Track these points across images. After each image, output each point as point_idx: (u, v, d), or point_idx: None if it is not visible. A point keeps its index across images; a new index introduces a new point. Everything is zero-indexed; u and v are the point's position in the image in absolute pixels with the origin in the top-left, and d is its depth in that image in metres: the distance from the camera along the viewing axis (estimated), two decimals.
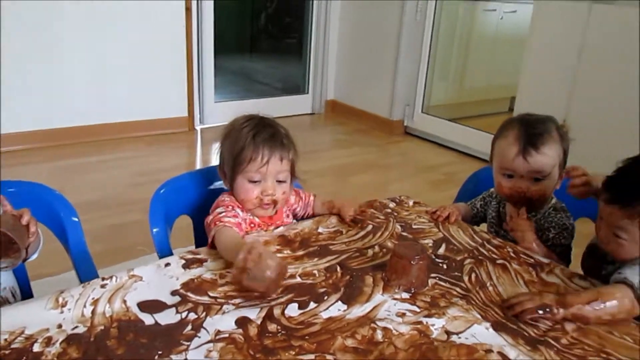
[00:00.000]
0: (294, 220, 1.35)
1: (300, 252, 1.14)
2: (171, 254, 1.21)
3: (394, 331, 0.89)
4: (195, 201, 1.36)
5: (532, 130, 1.27)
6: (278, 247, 1.15)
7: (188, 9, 3.74)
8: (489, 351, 0.86)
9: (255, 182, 1.19)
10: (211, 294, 0.96)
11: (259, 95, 4.94)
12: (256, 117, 1.24)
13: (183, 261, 1.07)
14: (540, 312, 0.95)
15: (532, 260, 1.17)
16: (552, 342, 0.90)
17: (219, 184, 1.35)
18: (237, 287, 0.98)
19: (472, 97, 4.83)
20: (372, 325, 0.90)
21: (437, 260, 1.15)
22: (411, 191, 3.13)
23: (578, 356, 0.87)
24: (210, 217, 1.18)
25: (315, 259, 1.11)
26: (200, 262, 1.06)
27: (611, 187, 1.07)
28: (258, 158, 1.17)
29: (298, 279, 1.03)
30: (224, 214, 1.17)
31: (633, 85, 2.79)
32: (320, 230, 1.25)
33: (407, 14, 3.96)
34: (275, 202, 1.22)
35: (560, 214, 1.32)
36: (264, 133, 1.19)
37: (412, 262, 1.01)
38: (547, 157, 1.25)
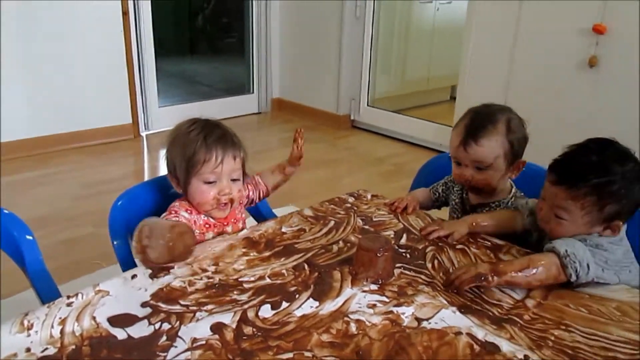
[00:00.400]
0: (249, 218, 1.36)
1: (267, 253, 1.14)
2: (135, 265, 1.19)
3: (367, 322, 0.92)
4: (155, 209, 1.34)
5: (475, 123, 1.32)
6: (244, 250, 1.15)
7: (125, 13, 3.65)
8: (458, 333, 0.90)
9: (210, 183, 1.20)
10: (182, 302, 0.96)
11: (204, 98, 4.87)
12: (201, 120, 1.25)
13: (149, 271, 1.05)
14: (476, 280, 1.01)
15: (489, 243, 1.23)
16: (516, 318, 0.95)
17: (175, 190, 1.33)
18: (208, 294, 0.98)
19: (414, 88, 4.95)
20: (345, 318, 0.93)
21: (400, 250, 1.18)
22: (364, 184, 3.18)
23: (540, 330, 0.92)
24: None
25: (282, 259, 1.12)
26: (167, 270, 1.06)
27: (557, 169, 1.12)
28: (212, 159, 1.18)
29: (268, 280, 1.04)
30: (163, 216, 1.20)
31: (566, 70, 2.94)
32: (284, 229, 1.26)
33: (347, 10, 4.01)
34: (232, 201, 1.24)
35: (521, 202, 1.37)
36: (214, 134, 1.21)
37: (377, 254, 1.04)
38: (485, 148, 1.29)
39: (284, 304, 0.96)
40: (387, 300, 0.99)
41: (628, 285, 1.07)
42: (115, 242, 1.23)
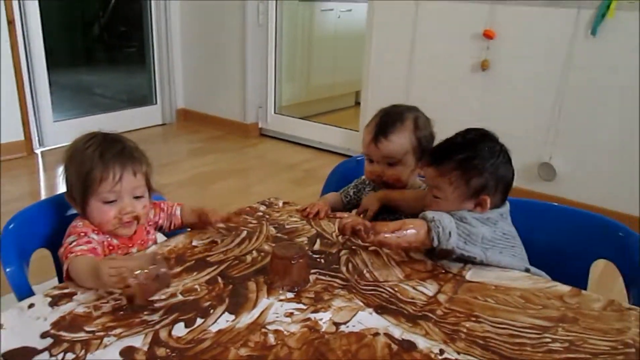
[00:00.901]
0: (158, 234, 1.30)
1: (178, 269, 1.10)
2: (32, 293, 1.10)
3: (285, 332, 0.90)
4: (52, 231, 1.24)
5: (385, 120, 1.40)
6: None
7: (11, 22, 3.40)
8: (376, 334, 0.91)
9: (110, 202, 1.13)
10: (87, 329, 0.89)
11: (103, 110, 4.64)
12: (99, 135, 1.18)
13: (49, 299, 0.97)
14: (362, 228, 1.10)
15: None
16: (430, 314, 0.97)
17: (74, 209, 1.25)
18: (116, 317, 0.92)
19: (320, 94, 5.01)
20: (263, 330, 0.91)
21: (314, 256, 1.18)
22: (275, 191, 3.17)
23: (452, 323, 0.96)
24: (62, 248, 1.11)
25: (195, 274, 1.08)
26: (69, 297, 0.98)
27: (430, 153, 1.26)
28: (109, 177, 1.11)
29: (180, 297, 1.00)
30: (75, 242, 1.10)
31: (462, 72, 3.10)
32: (194, 243, 1.22)
33: (249, 17, 3.99)
34: (137, 218, 1.17)
35: None
36: (111, 149, 1.13)
37: (292, 261, 1.03)
38: (394, 144, 1.36)
39: (199, 321, 0.93)
40: (304, 307, 0.98)
41: (498, 265, 1.15)
42: (8, 269, 1.12)
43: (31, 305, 0.95)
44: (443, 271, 1.13)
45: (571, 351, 0.89)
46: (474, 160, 1.17)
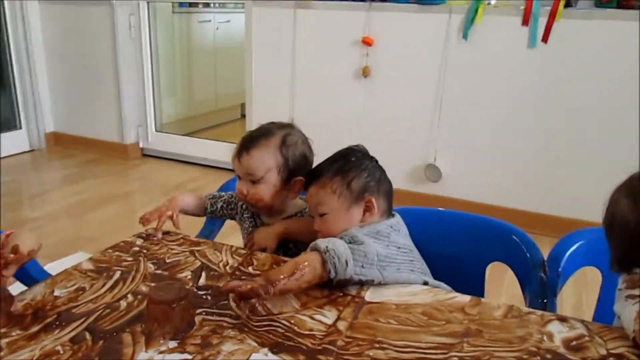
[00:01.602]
0: (17, 282, 1.11)
1: (35, 328, 0.92)
2: None
3: None
4: None
5: (251, 134, 1.32)
6: (4, 331, 0.91)
7: None
8: None
9: None
10: None
11: None
12: None
13: None
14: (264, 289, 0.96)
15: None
16: (330, 347, 0.89)
17: None
18: None
19: (204, 109, 4.84)
20: None
21: (199, 292, 1.05)
22: None
23: (355, 354, 0.88)
24: None
25: (56, 332, 0.91)
26: None
27: (305, 178, 1.23)
28: None
29: None
30: None
31: (345, 79, 3.10)
32: (57, 293, 1.04)
33: (120, 30, 3.73)
34: None
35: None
36: None
37: (172, 305, 0.90)
38: (255, 159, 1.28)
39: None
40: (189, 357, 0.85)
41: (405, 282, 1.10)
42: None
43: None
44: (341, 294, 1.06)
45: None
46: (349, 164, 1.18)
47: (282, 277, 0.98)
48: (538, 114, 2.74)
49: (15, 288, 1.11)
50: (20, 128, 4.09)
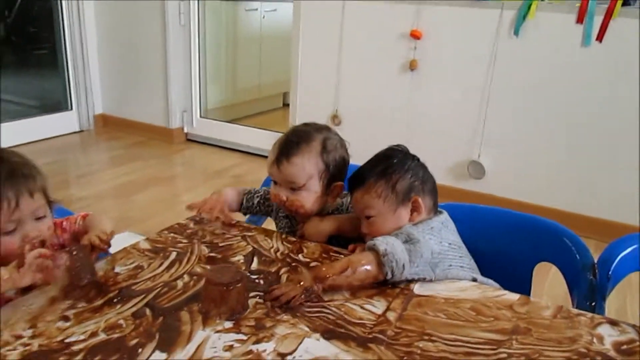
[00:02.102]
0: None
1: (99, 302, 0.97)
2: None
3: None
4: None
5: (290, 139, 1.26)
6: (69, 302, 0.96)
7: None
8: None
9: (10, 232, 1.00)
10: None
11: (13, 117, 4.27)
12: None
13: None
14: (304, 295, 0.98)
15: (342, 255, 1.19)
16: (380, 336, 0.91)
17: None
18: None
19: (246, 96, 4.89)
20: None
21: (252, 277, 1.08)
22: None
23: (405, 344, 0.89)
24: None
25: (118, 306, 0.96)
26: None
27: (350, 181, 1.22)
28: (4, 205, 0.97)
29: (102, 336, 0.87)
30: None
31: (391, 73, 3.09)
32: (117, 270, 1.09)
33: (170, 17, 3.81)
34: (43, 242, 1.03)
35: None
36: (2, 178, 0.98)
37: (228, 287, 0.93)
38: (297, 167, 1.23)
39: None
40: (244, 337, 0.89)
41: (453, 278, 1.11)
42: None
43: None
44: (390, 286, 1.07)
45: None
46: (392, 166, 1.18)
47: (332, 272, 1.02)
48: (589, 115, 2.68)
49: None
50: (71, 109, 4.23)
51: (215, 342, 0.87)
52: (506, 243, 1.32)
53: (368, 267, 1.04)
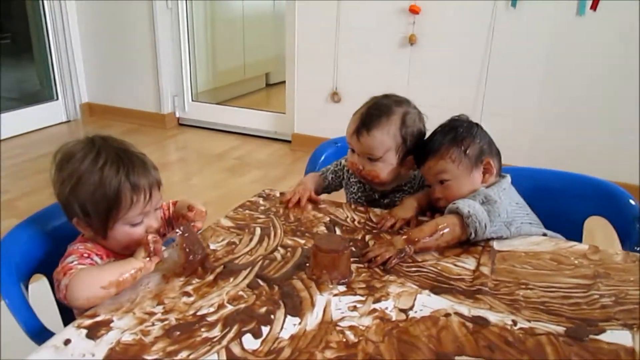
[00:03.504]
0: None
1: (210, 277, 1.01)
2: (42, 326, 0.97)
3: (360, 327, 0.87)
4: (45, 255, 1.10)
5: (371, 111, 1.30)
6: (183, 279, 1.00)
7: None
8: (447, 315, 0.90)
9: (138, 224, 1.02)
10: (148, 358, 0.80)
11: None
12: (98, 143, 1.01)
13: (84, 330, 0.86)
14: (398, 257, 1.06)
15: (419, 221, 1.26)
16: (483, 287, 0.99)
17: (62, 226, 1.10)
18: (172, 339, 0.83)
19: (232, 78, 4.86)
20: (338, 328, 0.87)
21: None
22: (213, 183, 3.05)
23: (507, 293, 0.97)
24: (59, 268, 0.97)
25: (231, 279, 1.01)
26: (106, 325, 0.87)
27: (419, 153, 1.28)
28: (140, 198, 0.99)
29: (229, 307, 0.92)
30: (76, 262, 0.97)
31: (390, 48, 3.14)
32: (212, 247, 1.13)
33: (157, 1, 3.74)
34: (158, 231, 1.07)
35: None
36: (133, 165, 1.00)
37: (340, 254, 0.99)
38: (376, 140, 1.28)
39: (265, 329, 0.86)
40: (362, 298, 0.95)
41: (525, 234, 1.19)
42: (8, 300, 0.98)
43: (67, 342, 0.83)
44: (472, 245, 1.15)
45: (620, 303, 0.95)
46: (461, 134, 1.24)
47: (422, 235, 1.10)
48: (586, 82, 2.80)
49: None
50: (57, 99, 4.13)
51: (337, 304, 0.93)
52: (555, 201, 1.41)
53: (454, 229, 1.12)
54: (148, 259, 0.96)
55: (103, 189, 0.96)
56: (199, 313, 0.90)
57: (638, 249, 1.28)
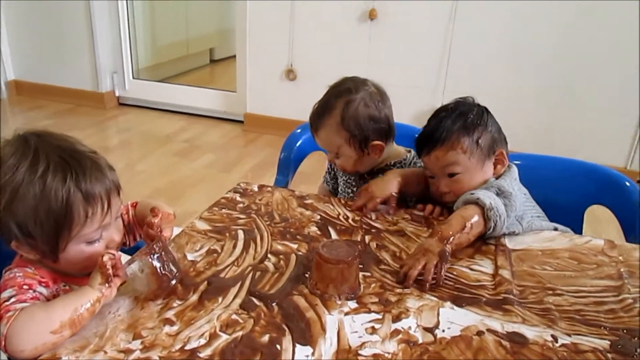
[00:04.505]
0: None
1: (194, 297, 0.84)
2: None
3: (385, 354, 0.74)
4: None
5: (315, 110, 1.27)
6: (161, 303, 0.83)
7: None
8: (480, 333, 0.79)
9: (95, 241, 0.83)
10: None
11: None
12: (33, 144, 0.79)
13: None
14: (443, 262, 0.91)
15: (419, 215, 1.14)
16: (509, 296, 0.87)
17: None
18: None
19: (175, 54, 4.55)
20: (360, 358, 0.73)
21: None
22: (163, 168, 2.82)
23: (536, 302, 0.87)
24: None
25: (220, 299, 0.84)
26: None
27: (424, 142, 1.14)
28: (97, 210, 0.80)
29: (224, 336, 0.76)
30: (14, 299, 0.76)
31: (349, 23, 2.99)
32: (191, 257, 0.95)
33: None
34: (117, 246, 0.89)
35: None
36: (86, 171, 0.79)
37: (350, 264, 0.85)
38: (324, 140, 1.27)
39: None
40: (379, 317, 0.82)
41: (536, 229, 1.10)
42: None
43: None
44: (484, 243, 1.04)
45: None
46: (473, 121, 1.12)
47: (454, 232, 0.96)
48: (550, 59, 2.75)
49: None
50: None
51: (351, 325, 0.79)
52: (555, 189, 1.33)
53: (479, 221, 1.00)
54: (107, 285, 0.77)
55: (47, 203, 0.76)
56: (187, 347, 0.74)
57: None
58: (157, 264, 0.81)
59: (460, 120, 1.11)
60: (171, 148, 3.11)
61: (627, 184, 1.27)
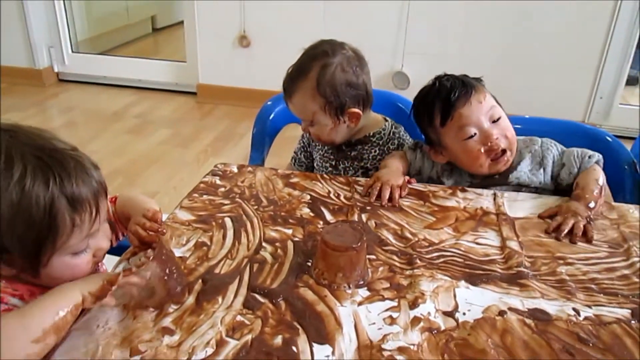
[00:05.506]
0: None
1: (190, 299, 0.76)
2: None
3: (410, 347, 0.68)
4: None
5: (291, 74, 1.20)
6: (155, 310, 0.75)
7: None
8: (502, 313, 0.75)
9: (81, 251, 0.73)
10: None
11: None
12: (3, 140, 0.66)
13: None
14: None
15: (417, 189, 1.09)
16: (523, 270, 0.84)
17: None
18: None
19: (115, 23, 4.27)
20: (385, 353, 0.67)
21: None
22: (116, 148, 2.66)
23: (550, 273, 0.84)
24: None
25: (220, 300, 0.77)
26: None
27: (449, 97, 1.09)
28: (84, 217, 0.69)
29: (232, 342, 0.69)
30: None
31: None
32: (179, 253, 0.87)
33: None
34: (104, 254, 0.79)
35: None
36: (70, 172, 0.68)
37: (359, 249, 0.79)
38: (298, 106, 1.21)
39: None
40: (394, 304, 0.76)
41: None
42: None
43: None
44: (481, 213, 1.00)
45: None
46: (471, 79, 1.15)
47: (596, 198, 1.02)
48: (507, 18, 2.72)
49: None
50: None
51: (368, 316, 0.74)
52: None
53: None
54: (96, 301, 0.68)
55: (27, 213, 0.65)
56: (194, 359, 0.66)
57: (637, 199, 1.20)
58: (164, 270, 0.73)
59: (464, 77, 1.15)
60: (122, 125, 2.93)
61: (609, 139, 1.25)
